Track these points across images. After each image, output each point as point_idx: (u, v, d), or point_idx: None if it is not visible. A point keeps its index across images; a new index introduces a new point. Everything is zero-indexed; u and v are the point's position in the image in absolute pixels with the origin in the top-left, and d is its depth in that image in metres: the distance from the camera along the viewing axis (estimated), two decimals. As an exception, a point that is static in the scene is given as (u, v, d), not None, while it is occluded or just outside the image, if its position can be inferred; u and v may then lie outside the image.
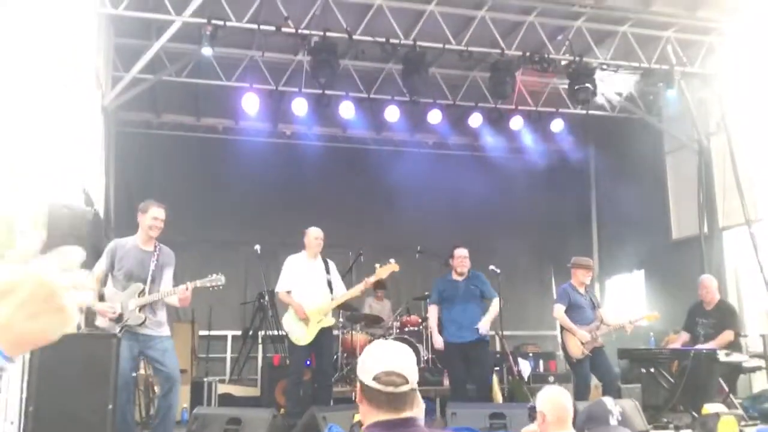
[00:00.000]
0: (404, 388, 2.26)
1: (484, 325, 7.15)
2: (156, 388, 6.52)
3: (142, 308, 5.34)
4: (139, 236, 5.62)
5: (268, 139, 10.97)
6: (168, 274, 5.59)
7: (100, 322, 5.33)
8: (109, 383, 4.61)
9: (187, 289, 5.33)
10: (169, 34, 7.57)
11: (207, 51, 7.66)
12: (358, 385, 2.37)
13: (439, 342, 7.30)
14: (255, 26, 7.64)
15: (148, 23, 8.08)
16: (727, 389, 7.08)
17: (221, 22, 7.47)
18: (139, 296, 5.37)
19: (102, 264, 5.47)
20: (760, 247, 8.42)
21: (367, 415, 2.31)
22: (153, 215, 5.58)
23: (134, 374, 5.41)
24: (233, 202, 10.50)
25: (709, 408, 5.84)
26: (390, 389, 2.22)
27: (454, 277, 7.45)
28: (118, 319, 5.26)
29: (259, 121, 10.36)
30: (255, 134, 10.81)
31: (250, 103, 8.95)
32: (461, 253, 7.46)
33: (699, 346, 7.11)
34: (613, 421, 3.60)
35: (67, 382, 4.54)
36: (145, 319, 5.31)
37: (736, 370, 7.26)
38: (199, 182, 10.50)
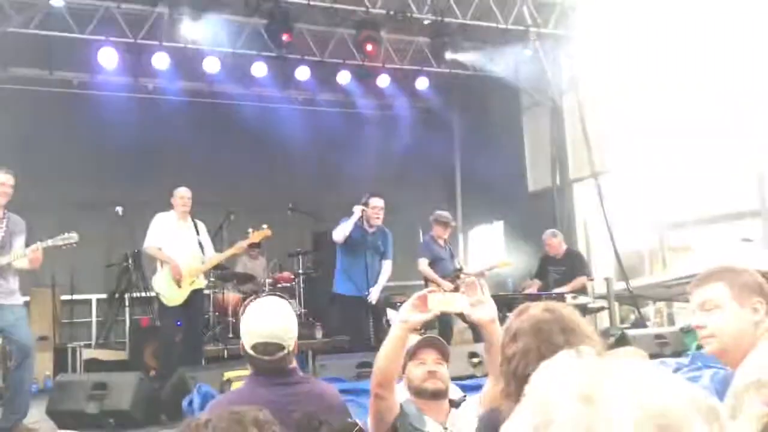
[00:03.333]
0: (280, 354, 2.45)
1: (375, 296, 6.98)
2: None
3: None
4: None
5: (129, 93, 10.46)
6: (19, 242, 5.34)
7: None
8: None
9: (36, 249, 5.10)
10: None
11: (57, 2, 7.21)
12: (241, 345, 2.56)
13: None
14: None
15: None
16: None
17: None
18: None
19: None
20: (605, 198, 9.16)
21: (251, 369, 2.56)
22: (2, 179, 5.31)
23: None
24: (93, 161, 9.99)
25: (556, 347, 6.38)
26: (267, 358, 2.41)
27: (366, 227, 7.07)
28: None
29: (118, 75, 9.85)
30: (114, 89, 10.27)
31: (107, 57, 8.54)
32: (378, 203, 7.08)
33: (552, 291, 7.73)
34: None
35: None
36: None
37: (583, 310, 7.96)
38: (54, 140, 9.89)
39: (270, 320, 2.51)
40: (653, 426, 0.60)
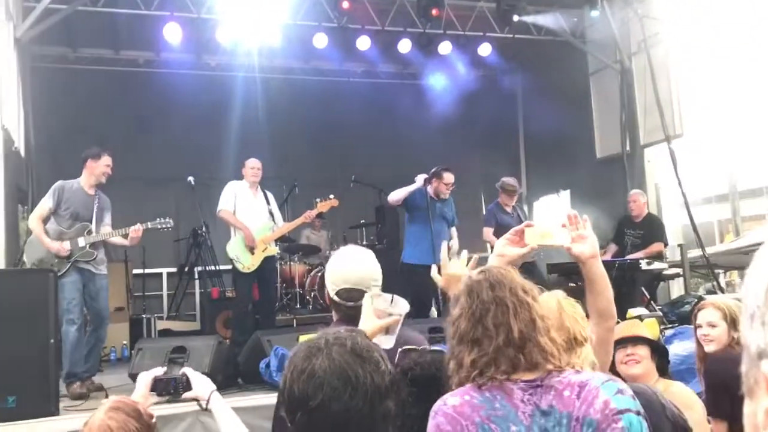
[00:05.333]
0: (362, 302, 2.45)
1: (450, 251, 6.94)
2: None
3: (92, 245, 5.64)
4: (86, 180, 5.87)
5: (192, 71, 10.60)
6: (108, 218, 5.92)
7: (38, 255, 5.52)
8: (48, 318, 4.54)
9: (138, 229, 5.74)
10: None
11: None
12: (326, 292, 2.61)
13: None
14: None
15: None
16: (647, 296, 7.55)
17: (137, -54, 7.10)
18: (87, 234, 5.65)
19: (48, 202, 5.66)
20: (678, 163, 8.82)
21: (336, 316, 2.58)
22: (106, 162, 5.92)
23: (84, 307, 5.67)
24: (159, 138, 10.18)
25: (632, 312, 6.21)
26: (350, 304, 2.42)
27: (433, 197, 7.06)
28: (69, 256, 5.52)
29: (182, 53, 9.97)
30: (178, 66, 10.43)
31: (172, 33, 8.61)
32: (450, 179, 7.11)
33: (629, 257, 7.51)
34: None
35: (4, 319, 4.45)
36: (96, 256, 5.64)
37: (657, 277, 7.73)
38: (121, 118, 10.14)
39: (355, 266, 2.52)
40: None
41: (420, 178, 6.85)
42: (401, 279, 7.71)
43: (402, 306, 2.26)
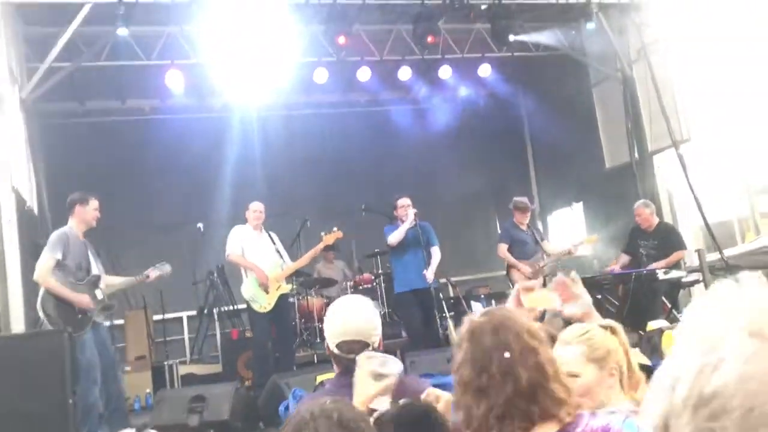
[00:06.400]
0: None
1: (430, 275, 7.19)
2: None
3: (109, 296, 5.70)
4: (78, 226, 5.72)
5: (198, 114, 10.74)
6: (100, 264, 5.87)
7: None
8: (65, 379, 4.58)
9: (147, 277, 5.94)
10: (81, 18, 7.30)
11: (122, 31, 7.44)
12: (326, 346, 2.56)
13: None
14: (168, 0, 7.43)
15: (58, 9, 7.76)
16: (669, 305, 7.45)
17: (133, 0, 7.24)
18: (100, 286, 5.60)
19: (57, 254, 5.44)
20: (688, 167, 8.75)
21: (337, 369, 2.56)
22: (94, 206, 5.79)
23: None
24: (169, 183, 10.27)
25: (653, 325, 6.14)
26: (352, 356, 2.39)
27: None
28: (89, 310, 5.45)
29: (186, 97, 10.11)
30: (183, 111, 10.57)
31: (174, 80, 8.75)
32: (404, 202, 7.45)
33: (650, 267, 7.41)
34: None
35: (21, 382, 4.49)
36: (115, 307, 5.77)
37: (677, 286, 7.63)
38: (132, 166, 10.27)
39: (352, 318, 2.50)
40: None
41: (411, 213, 7.19)
42: (399, 311, 7.91)
43: (393, 366, 2.24)
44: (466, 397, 1.66)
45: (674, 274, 7.28)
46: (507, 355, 1.63)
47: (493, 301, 9.97)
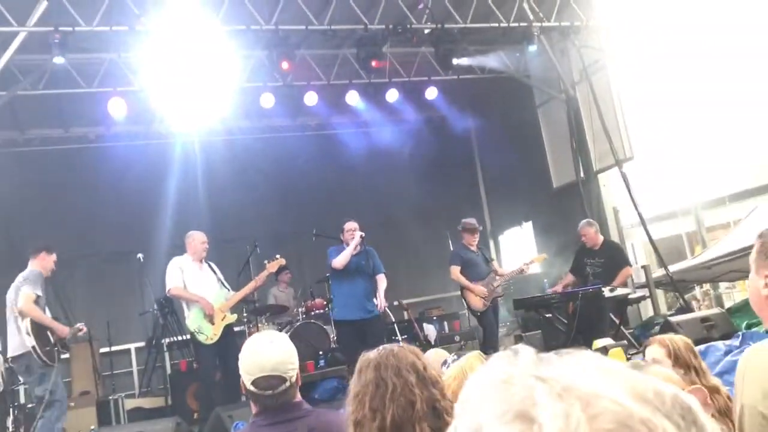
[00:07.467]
0: (282, 387, 2.36)
1: (381, 305, 7.02)
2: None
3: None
4: (44, 269, 6.19)
5: (143, 141, 10.56)
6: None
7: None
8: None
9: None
10: (15, 46, 7.14)
11: (59, 60, 7.27)
12: (241, 384, 2.44)
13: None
14: (107, 28, 7.31)
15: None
16: (618, 322, 7.53)
17: (70, 29, 7.11)
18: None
19: (38, 290, 5.91)
20: (633, 185, 8.91)
21: (255, 408, 2.47)
22: (54, 259, 6.30)
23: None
24: (115, 212, 10.02)
25: (598, 343, 6.17)
26: (269, 392, 2.32)
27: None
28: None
29: (129, 125, 9.93)
30: (127, 138, 10.37)
31: (117, 108, 8.61)
32: (351, 225, 7.16)
33: (599, 286, 7.47)
34: None
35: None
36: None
37: (624, 302, 7.71)
38: (75, 195, 10.02)
39: (268, 353, 2.42)
40: None
41: (358, 235, 6.96)
42: (338, 338, 7.67)
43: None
44: (350, 430, 1.69)
45: (620, 291, 7.36)
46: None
47: (445, 323, 9.99)
